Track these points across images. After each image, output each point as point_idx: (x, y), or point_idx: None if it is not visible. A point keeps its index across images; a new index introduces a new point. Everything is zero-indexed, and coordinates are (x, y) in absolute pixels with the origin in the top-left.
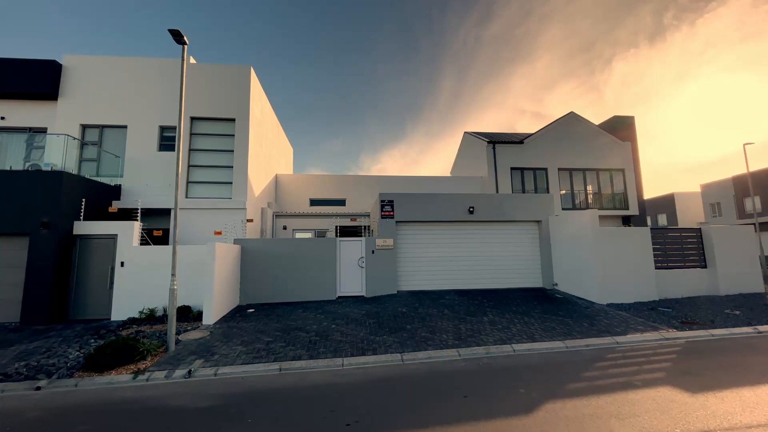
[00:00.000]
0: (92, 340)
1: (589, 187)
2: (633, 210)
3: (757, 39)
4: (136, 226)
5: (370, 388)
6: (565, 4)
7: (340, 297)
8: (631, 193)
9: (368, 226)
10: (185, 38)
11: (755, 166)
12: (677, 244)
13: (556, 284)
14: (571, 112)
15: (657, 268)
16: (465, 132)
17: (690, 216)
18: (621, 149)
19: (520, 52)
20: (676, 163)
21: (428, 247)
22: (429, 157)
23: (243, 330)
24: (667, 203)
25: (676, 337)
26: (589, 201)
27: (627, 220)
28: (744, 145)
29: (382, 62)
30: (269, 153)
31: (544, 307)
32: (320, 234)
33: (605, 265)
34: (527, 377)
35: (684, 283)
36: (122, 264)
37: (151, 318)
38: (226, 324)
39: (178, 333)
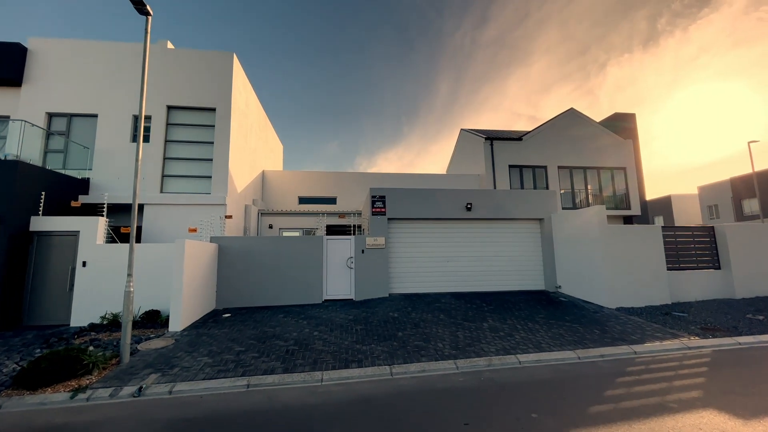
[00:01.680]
0: (38, 350)
1: (590, 186)
2: (635, 210)
3: (748, 45)
4: (101, 222)
5: (350, 411)
6: (561, 8)
7: (326, 300)
8: (633, 192)
9: (359, 225)
10: (148, 8)
11: (748, 169)
12: (689, 243)
13: (560, 287)
14: (571, 109)
15: (668, 269)
16: (461, 129)
17: (687, 218)
18: (622, 147)
19: (516, 56)
20: (669, 167)
21: (423, 246)
22: (425, 159)
23: (213, 338)
24: (663, 205)
25: (699, 345)
26: (590, 200)
27: (628, 221)
28: (749, 143)
29: (378, 64)
30: (255, 147)
31: (548, 312)
32: (308, 233)
33: (614, 266)
34: (538, 396)
35: (697, 285)
36: (84, 264)
37: (114, 324)
38: (196, 331)
39: (138, 341)
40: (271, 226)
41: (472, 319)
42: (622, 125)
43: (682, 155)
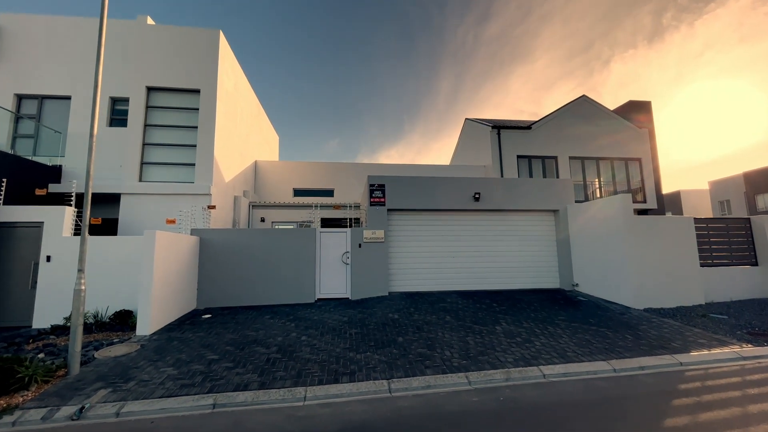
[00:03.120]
0: None
1: (603, 178)
2: (651, 203)
3: (754, 41)
4: (68, 213)
5: None
6: (564, 4)
7: (319, 299)
8: (649, 184)
9: (357, 219)
10: None
11: (754, 166)
12: (723, 237)
13: (577, 284)
14: (583, 96)
15: (701, 265)
16: (466, 118)
17: (696, 214)
18: (638, 137)
19: (519, 53)
20: (672, 164)
21: (426, 240)
22: (426, 157)
23: (185, 343)
24: (672, 201)
25: (756, 355)
26: (602, 192)
27: (643, 215)
28: None
29: (380, 61)
30: (246, 135)
31: (568, 313)
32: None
33: (641, 262)
34: (577, 426)
35: (732, 283)
36: (48, 259)
37: None
38: (168, 335)
39: (98, 347)
40: (263, 220)
41: (483, 322)
42: (637, 113)
43: (684, 153)
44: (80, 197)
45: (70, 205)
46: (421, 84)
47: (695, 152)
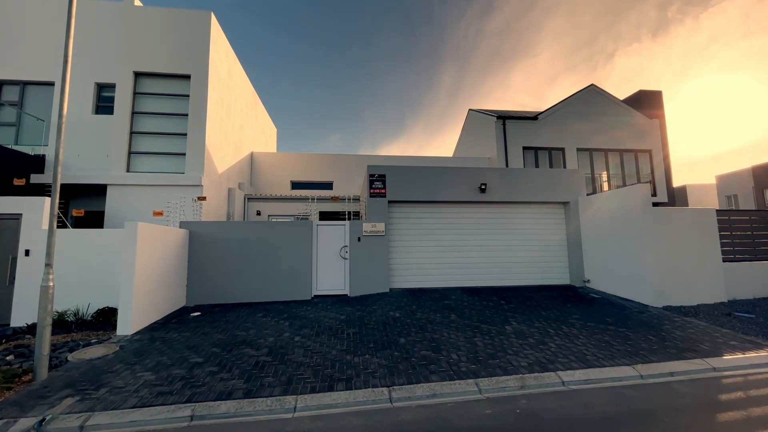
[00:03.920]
0: None
1: (611, 170)
2: (661, 197)
3: (760, 34)
4: (48, 204)
5: None
6: None
7: (316, 296)
8: (659, 177)
9: (357, 212)
10: None
11: (754, 161)
12: (745, 230)
13: (588, 281)
14: (592, 85)
15: (723, 260)
16: (470, 109)
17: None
18: (648, 128)
19: (522, 46)
20: (676, 158)
21: (429, 233)
22: (428, 152)
23: (168, 344)
24: (678, 195)
25: None
26: (610, 185)
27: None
28: None
29: (381, 57)
30: (241, 126)
31: (582, 311)
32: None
33: (660, 257)
34: None
35: (756, 279)
36: (27, 253)
37: (59, 324)
38: (150, 335)
39: (74, 348)
40: (259, 213)
41: (491, 321)
42: (647, 103)
43: (689, 147)
44: (64, 187)
45: (49, 195)
46: (422, 79)
47: (700, 147)
